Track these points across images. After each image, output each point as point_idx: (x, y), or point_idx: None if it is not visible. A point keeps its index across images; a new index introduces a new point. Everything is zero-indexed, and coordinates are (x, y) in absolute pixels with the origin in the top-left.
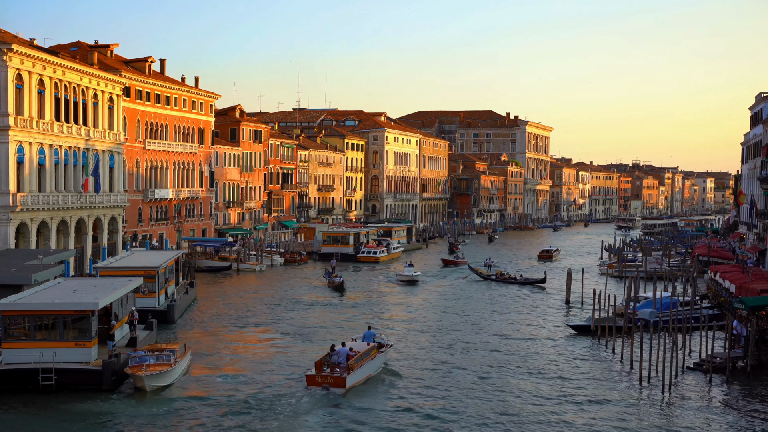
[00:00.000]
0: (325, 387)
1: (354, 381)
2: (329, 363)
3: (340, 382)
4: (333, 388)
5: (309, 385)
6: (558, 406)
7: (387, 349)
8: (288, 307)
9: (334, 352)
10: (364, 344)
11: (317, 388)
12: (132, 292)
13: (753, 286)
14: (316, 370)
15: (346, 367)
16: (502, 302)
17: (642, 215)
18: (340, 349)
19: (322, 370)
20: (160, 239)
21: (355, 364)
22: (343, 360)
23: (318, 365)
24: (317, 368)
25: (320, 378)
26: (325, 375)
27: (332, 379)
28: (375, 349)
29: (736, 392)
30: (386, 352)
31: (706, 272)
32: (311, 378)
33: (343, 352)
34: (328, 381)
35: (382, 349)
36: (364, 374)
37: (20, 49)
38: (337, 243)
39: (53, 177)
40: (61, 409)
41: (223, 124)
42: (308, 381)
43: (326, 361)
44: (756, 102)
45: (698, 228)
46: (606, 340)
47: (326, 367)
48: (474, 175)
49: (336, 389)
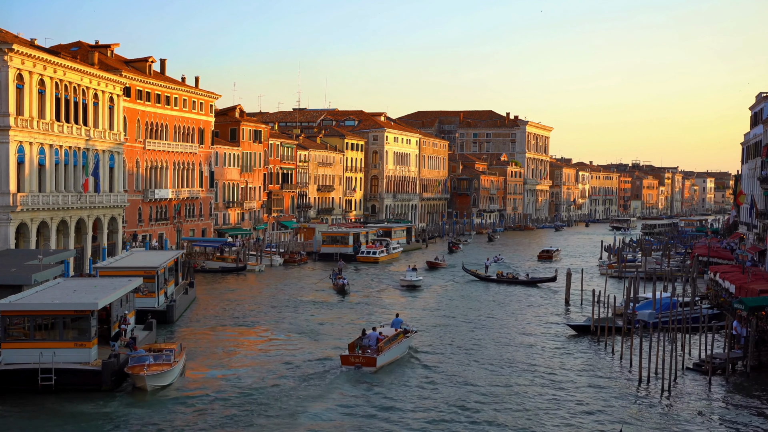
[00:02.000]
0: (357, 366)
1: (383, 361)
2: (361, 345)
3: (371, 362)
4: (364, 367)
5: (343, 364)
6: (556, 407)
7: (412, 335)
8: (288, 307)
9: (365, 336)
10: (392, 330)
11: (350, 366)
12: (132, 292)
13: (753, 287)
14: (349, 351)
15: (376, 349)
16: (502, 303)
17: (642, 215)
18: (370, 334)
19: (354, 351)
20: (159, 239)
21: (384, 346)
22: (373, 343)
23: (351, 347)
24: (350, 350)
25: (353, 358)
26: (357, 355)
27: (364, 359)
28: (401, 335)
29: (736, 393)
30: (411, 337)
31: (706, 272)
32: (345, 358)
33: (374, 336)
34: (361, 360)
35: (408, 335)
36: (392, 356)
37: (21, 49)
38: (337, 243)
39: (53, 177)
40: (60, 409)
41: (223, 124)
42: (342, 361)
43: (358, 343)
44: (756, 102)
45: (698, 228)
46: (605, 341)
47: (358, 349)
48: (474, 175)
49: (367, 368)
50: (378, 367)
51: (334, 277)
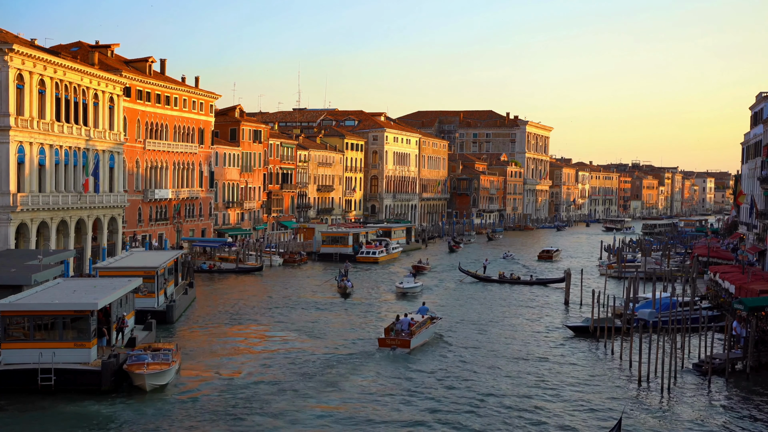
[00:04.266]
0: (393, 347)
1: (415, 344)
2: (395, 330)
3: (405, 344)
4: (400, 348)
5: (380, 347)
6: (555, 408)
7: (438, 321)
8: (288, 307)
9: (398, 321)
10: (419, 316)
11: (387, 348)
12: (131, 292)
13: (752, 287)
14: (385, 335)
15: (409, 332)
16: (502, 303)
17: (642, 215)
18: (403, 319)
19: (389, 335)
20: (159, 239)
21: (416, 330)
22: (406, 327)
23: (386, 331)
24: (386, 333)
25: (390, 340)
26: (393, 338)
27: (399, 341)
28: (429, 320)
29: (736, 394)
30: (437, 323)
31: (706, 273)
32: (382, 341)
33: (406, 321)
34: (396, 343)
35: (434, 321)
36: (422, 339)
37: (21, 49)
38: (337, 243)
39: (53, 177)
40: (60, 409)
41: (223, 124)
42: (380, 343)
43: (392, 328)
44: (756, 102)
45: (698, 228)
46: (605, 341)
47: (393, 333)
48: (473, 175)
49: (402, 349)
50: (411, 348)
51: (339, 279)
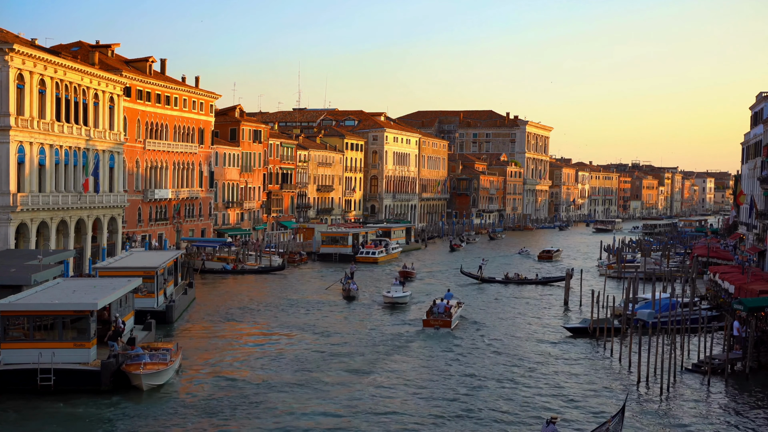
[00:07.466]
0: (436, 327)
1: (454, 324)
2: (434, 312)
3: (446, 324)
4: (442, 327)
5: (424, 326)
6: (555, 408)
7: (463, 305)
8: (288, 306)
9: (435, 305)
10: (444, 302)
11: (430, 328)
12: (131, 293)
13: (752, 287)
14: (427, 316)
15: (450, 313)
16: (501, 303)
17: (642, 215)
18: (439, 303)
19: (431, 316)
20: (159, 239)
21: (452, 312)
22: (442, 310)
23: (428, 313)
24: (428, 315)
25: (433, 321)
26: (436, 319)
27: (441, 322)
28: (457, 304)
29: (735, 394)
30: (462, 306)
31: (706, 273)
32: (426, 321)
33: (442, 305)
34: (439, 323)
35: (460, 305)
36: (457, 320)
37: (22, 49)
38: (336, 243)
39: (53, 177)
40: (59, 409)
41: (223, 124)
42: (424, 324)
43: (432, 310)
44: (756, 102)
45: (697, 228)
46: (604, 342)
47: (433, 315)
48: (473, 175)
49: (444, 328)
50: (452, 327)
51: (345, 281)
